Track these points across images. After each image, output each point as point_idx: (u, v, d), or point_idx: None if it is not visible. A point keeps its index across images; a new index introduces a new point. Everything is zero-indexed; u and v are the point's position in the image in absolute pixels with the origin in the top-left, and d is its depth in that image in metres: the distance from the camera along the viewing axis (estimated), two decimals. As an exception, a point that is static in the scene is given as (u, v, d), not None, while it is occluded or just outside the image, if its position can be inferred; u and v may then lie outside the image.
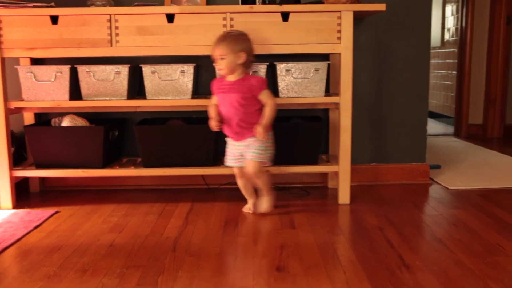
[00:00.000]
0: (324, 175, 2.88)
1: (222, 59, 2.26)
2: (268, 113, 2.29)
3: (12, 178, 2.52)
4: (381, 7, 2.44)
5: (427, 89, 2.90)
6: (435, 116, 5.81)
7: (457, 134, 4.81)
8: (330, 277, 1.69)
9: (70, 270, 1.76)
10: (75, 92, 2.55)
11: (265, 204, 2.36)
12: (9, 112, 2.51)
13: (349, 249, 1.94)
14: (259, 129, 2.25)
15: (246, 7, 2.43)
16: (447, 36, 5.54)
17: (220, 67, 2.28)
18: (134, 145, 2.87)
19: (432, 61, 5.97)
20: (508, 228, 2.17)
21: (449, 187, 2.83)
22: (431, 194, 2.72)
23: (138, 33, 2.43)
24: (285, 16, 2.44)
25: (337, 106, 2.57)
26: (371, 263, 1.80)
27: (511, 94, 4.72)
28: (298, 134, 2.53)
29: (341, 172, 2.51)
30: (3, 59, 2.46)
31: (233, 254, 1.89)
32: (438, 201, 2.59)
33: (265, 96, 2.30)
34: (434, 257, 1.86)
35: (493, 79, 4.63)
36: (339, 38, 2.45)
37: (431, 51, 6.03)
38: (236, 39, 2.28)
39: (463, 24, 4.75)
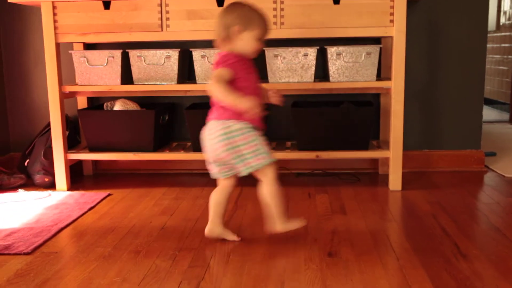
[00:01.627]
0: (375, 161, 2.83)
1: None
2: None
3: (66, 161, 2.58)
4: (437, -12, 2.36)
5: (483, 74, 2.80)
6: (489, 102, 5.62)
7: (512, 121, 4.64)
8: (383, 263, 1.66)
9: (124, 251, 1.79)
10: (126, 77, 2.58)
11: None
12: (63, 96, 2.57)
13: (401, 236, 1.90)
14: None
15: (296, -11, 2.39)
16: (503, 20, 5.33)
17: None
18: (184, 130, 2.89)
19: (488, 45, 5.76)
20: None
21: (506, 175, 2.73)
22: (486, 182, 2.64)
23: (188, 17, 2.43)
24: (337, -1, 2.39)
25: (388, 91, 2.52)
26: (425, 251, 1.76)
27: None
28: (348, 119, 2.49)
29: (393, 158, 2.46)
30: (58, 44, 2.51)
31: (284, 239, 1.88)
32: (494, 189, 2.50)
33: None
34: (492, 246, 1.80)
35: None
36: (391, 21, 2.39)
37: (494, 34, 5.84)
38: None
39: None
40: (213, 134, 1.81)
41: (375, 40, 2.73)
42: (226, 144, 1.77)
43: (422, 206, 2.23)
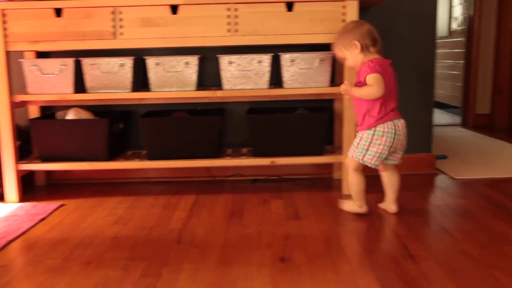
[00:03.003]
0: (330, 166, 2.87)
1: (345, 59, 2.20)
2: (362, 89, 2.09)
3: (17, 172, 2.52)
4: (386, -4, 2.42)
5: (433, 79, 2.88)
6: (442, 106, 5.77)
7: (464, 124, 4.77)
8: (335, 268, 1.68)
9: (75, 263, 1.76)
10: (79, 85, 2.55)
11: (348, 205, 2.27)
12: (14, 105, 2.52)
13: (354, 240, 1.93)
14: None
15: (249, -3, 2.41)
16: (454, 26, 5.49)
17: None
18: (139, 138, 2.87)
19: (440, 51, 5.92)
20: (515, 218, 2.15)
21: (456, 177, 2.81)
22: (438, 184, 2.71)
23: (142, 25, 2.42)
24: (289, 6, 2.42)
25: (341, 96, 2.55)
26: (376, 254, 1.80)
27: (519, 84, 4.67)
28: (302, 125, 2.52)
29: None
30: (8, 52, 2.46)
31: (237, 245, 1.89)
32: (444, 191, 2.57)
33: (368, 80, 2.07)
34: (440, 247, 1.85)
35: (501, 68, 4.58)
36: (343, 27, 2.43)
37: (439, 40, 6.00)
38: (341, 32, 2.20)
39: (471, 13, 4.70)
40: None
41: (329, 47, 2.77)
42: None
43: (374, 210, 2.27)
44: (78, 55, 2.62)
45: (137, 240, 1.97)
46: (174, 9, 2.42)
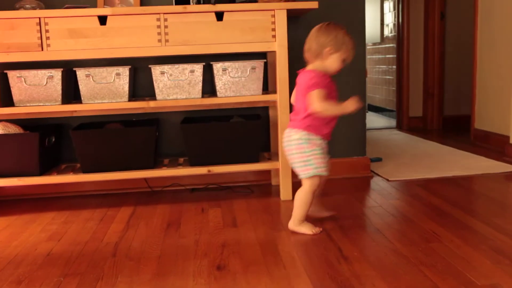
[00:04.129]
0: (268, 172, 2.90)
1: None
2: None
3: None
4: (314, 4, 2.48)
5: (364, 84, 2.96)
6: (378, 110, 5.94)
7: (399, 127, 4.93)
8: (269, 273, 1.70)
9: (4, 283, 1.70)
10: (6, 99, 2.47)
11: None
12: None
13: (289, 245, 1.96)
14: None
15: (179, 8, 2.41)
16: (386, 32, 5.67)
17: None
18: (73, 151, 2.80)
19: (374, 56, 6.10)
20: (444, 216, 2.24)
21: (390, 179, 2.89)
22: (372, 187, 2.78)
23: (70, 36, 2.38)
24: (219, 15, 2.44)
25: (275, 103, 2.59)
26: (310, 257, 1.83)
27: (447, 87, 4.87)
28: (238, 133, 2.54)
29: (282, 169, 2.54)
30: None
31: (174, 255, 1.87)
32: (378, 193, 2.64)
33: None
34: (372, 248, 1.90)
35: (430, 73, 4.77)
36: (274, 36, 2.47)
37: (372, 47, 6.18)
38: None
39: (400, 20, 4.87)
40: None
41: (262, 55, 2.81)
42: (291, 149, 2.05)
43: (310, 214, 2.31)
44: (3, 67, 2.54)
45: (71, 255, 1.92)
46: (102, 20, 2.39)
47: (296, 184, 2.73)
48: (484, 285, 1.57)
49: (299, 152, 2.02)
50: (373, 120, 5.53)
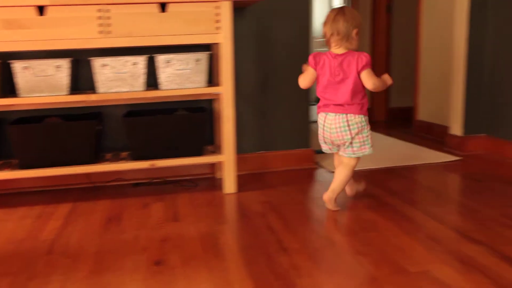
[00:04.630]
0: (213, 165, 2.89)
1: None
2: None
3: None
4: (258, -4, 2.48)
5: (308, 77, 2.98)
6: (327, 102, 6.00)
7: (346, 119, 5.00)
8: (208, 266, 1.70)
9: None
10: None
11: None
12: None
13: (230, 238, 1.96)
14: None
15: (121, -2, 2.37)
16: (335, 25, 5.72)
17: None
18: (10, 146, 2.71)
19: (322, 49, 6.15)
20: (383, 206, 2.28)
21: (333, 170, 2.92)
22: (316, 178, 2.81)
23: (5, 27, 2.29)
24: (163, 7, 2.40)
25: (220, 96, 2.58)
26: (250, 250, 1.83)
27: (394, 80, 4.95)
28: (181, 126, 2.51)
29: (226, 162, 2.53)
30: None
31: (112, 252, 1.84)
32: (322, 185, 2.68)
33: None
34: (311, 238, 1.92)
35: (377, 65, 4.84)
36: (218, 28, 2.45)
37: (321, 39, 6.23)
38: None
39: (348, 13, 4.92)
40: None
41: (207, 47, 2.79)
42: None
43: (253, 207, 2.32)
44: None
45: (4, 255, 1.86)
46: (41, 10, 2.32)
47: (240, 177, 2.75)
48: (417, 272, 1.61)
49: (360, 133, 2.18)
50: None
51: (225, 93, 2.49)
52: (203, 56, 2.51)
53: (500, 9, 3.16)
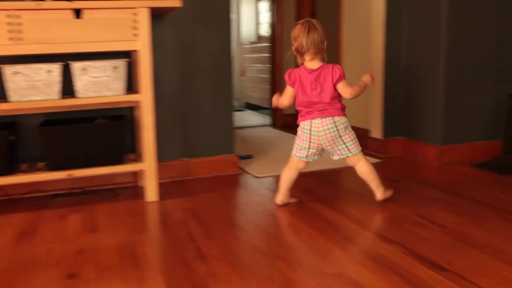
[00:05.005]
0: (135, 174, 2.84)
1: None
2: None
3: None
4: (177, 3, 2.46)
5: (230, 83, 2.99)
6: (256, 108, 6.06)
7: (273, 124, 5.05)
8: (124, 277, 1.66)
9: None
10: None
11: None
12: None
13: (148, 247, 1.92)
14: None
15: (32, 4, 2.28)
16: (262, 31, 5.79)
17: None
18: None
19: (250, 55, 6.21)
20: (303, 209, 2.32)
21: (258, 176, 2.95)
22: (240, 184, 2.82)
23: None
24: (78, 13, 2.34)
25: (139, 104, 2.54)
26: (168, 258, 1.81)
27: (319, 84, 5.06)
28: (100, 134, 2.46)
29: (147, 170, 2.49)
30: None
31: (23, 267, 1.77)
32: (245, 190, 2.69)
33: None
34: (231, 245, 1.92)
35: (302, 71, 4.93)
36: (136, 35, 2.42)
37: (248, 46, 6.29)
38: None
39: (274, 20, 4.99)
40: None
41: (126, 54, 2.74)
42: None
43: (175, 215, 2.29)
44: None
45: None
46: None
47: (163, 185, 2.72)
48: (332, 274, 1.64)
49: (348, 132, 2.28)
50: (250, 118, 5.63)
51: (145, 100, 2.46)
52: (120, 63, 2.47)
53: (414, 13, 3.29)
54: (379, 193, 2.36)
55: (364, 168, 2.34)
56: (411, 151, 3.39)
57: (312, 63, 2.26)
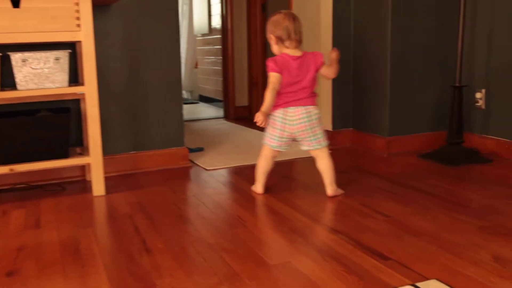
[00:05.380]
0: (83, 168, 2.78)
1: None
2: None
3: None
4: (119, -7, 2.41)
5: (179, 75, 2.96)
6: (209, 100, 6.03)
7: (226, 116, 5.04)
8: (65, 273, 1.62)
9: None
10: None
11: None
12: None
13: (93, 242, 1.89)
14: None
15: (-32, -8, 2.20)
16: (214, 23, 5.75)
17: None
18: None
19: (203, 47, 6.17)
20: (252, 201, 2.33)
21: (207, 168, 2.94)
22: (189, 177, 2.80)
23: None
24: (15, 2, 2.26)
25: (84, 96, 2.48)
26: (112, 252, 1.78)
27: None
28: (43, 127, 2.39)
29: (93, 164, 2.44)
30: None
31: (-40, 265, 1.71)
32: (194, 183, 2.67)
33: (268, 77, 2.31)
34: (177, 238, 1.90)
35: (254, 63, 4.94)
36: (78, 25, 2.36)
37: (200, 38, 6.24)
38: (268, 22, 2.38)
39: (224, 12, 4.97)
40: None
41: (71, 45, 2.67)
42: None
43: (122, 208, 2.26)
44: None
45: None
46: None
47: (111, 178, 2.68)
48: (277, 264, 1.65)
49: (319, 124, 2.33)
50: (203, 110, 5.60)
51: (89, 92, 2.41)
52: (63, 54, 2.40)
53: (361, 7, 3.34)
54: (331, 190, 2.38)
55: (325, 162, 2.37)
56: (360, 143, 3.44)
57: (295, 50, 2.30)
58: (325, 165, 2.37)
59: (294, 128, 2.29)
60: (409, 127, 3.29)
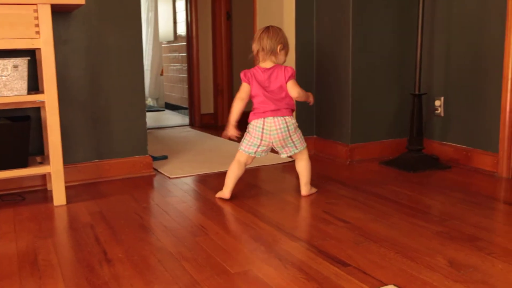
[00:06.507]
0: (44, 177, 2.73)
1: None
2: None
3: None
4: (80, 0, 2.39)
5: (142, 82, 2.94)
6: (175, 108, 6.00)
7: (192, 124, 5.03)
8: (22, 285, 1.59)
9: None
10: None
11: None
12: None
13: (52, 253, 1.86)
14: None
15: None
16: (179, 30, 5.74)
17: None
18: None
19: (169, 55, 6.15)
20: (215, 209, 2.33)
21: (171, 176, 2.93)
22: (152, 185, 2.79)
23: None
24: (-28, 8, 2.22)
25: (43, 104, 2.45)
26: (72, 264, 1.75)
27: (236, 84, 5.09)
28: (2, 136, 2.34)
29: (53, 173, 2.41)
30: None
31: None
32: (157, 191, 2.66)
33: None
34: (138, 247, 1.89)
35: (219, 70, 4.95)
36: (37, 32, 2.33)
37: (166, 45, 6.22)
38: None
39: (189, 19, 4.97)
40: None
41: (31, 52, 2.63)
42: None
43: (83, 218, 2.23)
44: None
45: None
46: None
47: (73, 187, 2.64)
48: (237, 272, 1.66)
49: (297, 132, 2.45)
50: (169, 118, 5.58)
51: (49, 100, 2.37)
52: (21, 62, 2.36)
53: (323, 15, 3.38)
54: (305, 190, 2.52)
55: (303, 163, 2.51)
56: (323, 150, 3.48)
57: (264, 63, 2.44)
58: (301, 167, 2.51)
59: (272, 138, 2.40)
60: (371, 134, 3.34)
